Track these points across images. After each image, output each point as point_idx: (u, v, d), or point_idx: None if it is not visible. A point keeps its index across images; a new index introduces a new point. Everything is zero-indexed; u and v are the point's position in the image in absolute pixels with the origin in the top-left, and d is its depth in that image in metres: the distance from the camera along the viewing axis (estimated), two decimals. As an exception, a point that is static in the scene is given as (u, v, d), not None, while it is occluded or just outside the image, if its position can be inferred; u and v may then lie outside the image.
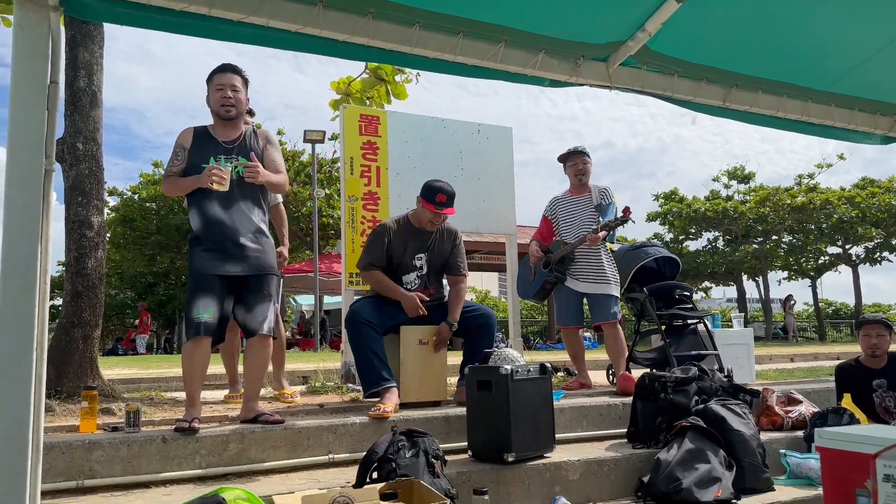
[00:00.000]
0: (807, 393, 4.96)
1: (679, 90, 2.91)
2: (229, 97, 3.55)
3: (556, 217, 5.29)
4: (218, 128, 3.62)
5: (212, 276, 3.45)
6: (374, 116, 5.35)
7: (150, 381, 6.90)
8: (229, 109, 3.56)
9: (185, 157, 3.55)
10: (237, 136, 3.62)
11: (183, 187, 3.52)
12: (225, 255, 3.47)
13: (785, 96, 3.13)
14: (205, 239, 3.49)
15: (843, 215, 26.08)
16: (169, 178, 3.56)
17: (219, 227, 3.49)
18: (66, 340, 4.21)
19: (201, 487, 2.97)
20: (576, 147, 5.35)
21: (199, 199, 3.52)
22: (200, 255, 3.48)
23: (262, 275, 3.56)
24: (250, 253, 3.52)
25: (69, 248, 4.33)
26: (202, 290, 3.43)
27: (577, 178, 5.25)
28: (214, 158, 3.50)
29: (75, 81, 4.41)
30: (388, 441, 2.91)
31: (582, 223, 5.13)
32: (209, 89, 3.60)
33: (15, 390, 1.70)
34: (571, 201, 5.27)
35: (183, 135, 3.59)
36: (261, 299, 3.55)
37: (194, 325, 3.40)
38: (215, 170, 3.37)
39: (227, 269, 3.47)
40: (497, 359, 3.63)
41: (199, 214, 3.52)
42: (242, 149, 3.60)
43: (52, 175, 1.90)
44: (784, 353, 13.28)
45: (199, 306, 3.41)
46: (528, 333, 25.54)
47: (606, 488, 3.48)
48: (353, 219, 5.19)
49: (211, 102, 3.59)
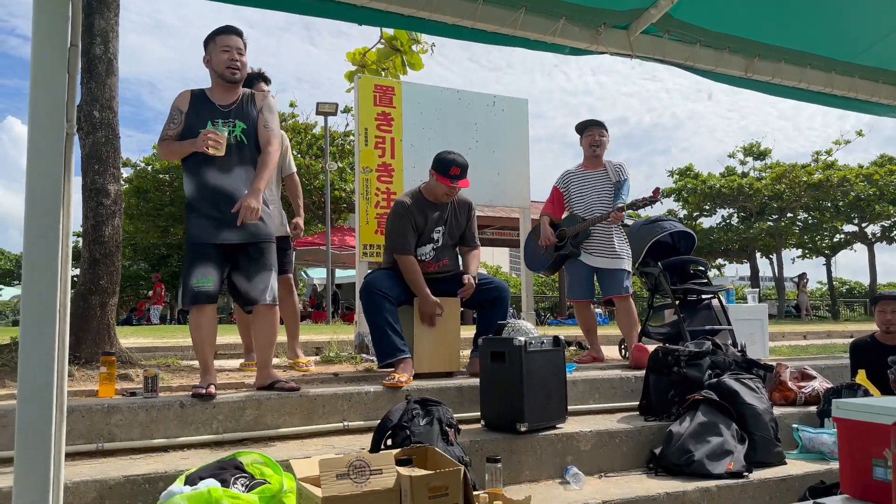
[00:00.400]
0: (820, 369, 4.96)
1: (700, 60, 2.88)
2: (236, 59, 3.49)
3: (569, 191, 5.22)
4: (216, 91, 3.54)
5: (209, 245, 3.40)
6: (388, 87, 5.31)
7: (165, 349, 6.99)
8: (235, 72, 3.49)
9: (181, 120, 3.47)
10: (234, 99, 3.55)
11: (179, 151, 3.45)
12: (220, 222, 3.40)
13: (808, 67, 3.08)
14: (200, 205, 3.43)
15: (860, 193, 25.81)
16: (165, 141, 3.48)
17: (214, 193, 3.41)
18: (83, 307, 4.25)
19: (218, 452, 3.01)
20: (594, 118, 5.28)
21: (194, 163, 3.44)
22: (196, 222, 3.43)
23: (260, 243, 3.50)
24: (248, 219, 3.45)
25: (86, 216, 4.36)
26: (201, 259, 3.39)
27: (591, 150, 5.17)
28: (212, 122, 3.43)
29: (91, 49, 4.40)
30: (402, 409, 2.93)
31: (597, 198, 5.06)
32: (212, 50, 3.50)
33: (39, 352, 1.73)
34: (585, 175, 5.20)
35: (180, 98, 3.52)
36: (260, 268, 3.50)
37: (194, 294, 3.38)
38: (210, 134, 3.31)
39: (224, 237, 3.41)
40: (511, 330, 3.64)
41: (194, 180, 3.44)
42: (239, 112, 3.53)
43: (73, 139, 1.90)
44: (797, 330, 13.24)
45: (198, 275, 3.37)
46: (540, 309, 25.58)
47: (618, 459, 3.51)
48: (367, 190, 5.18)
49: (214, 64, 3.50)
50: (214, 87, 3.56)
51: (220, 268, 3.45)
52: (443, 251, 4.31)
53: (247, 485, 2.49)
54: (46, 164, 1.75)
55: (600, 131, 5.19)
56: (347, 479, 2.22)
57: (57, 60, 1.75)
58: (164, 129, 3.50)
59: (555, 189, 5.32)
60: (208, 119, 3.46)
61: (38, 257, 1.74)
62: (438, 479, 2.29)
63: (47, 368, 1.74)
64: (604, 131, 5.21)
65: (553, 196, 5.32)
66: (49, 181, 1.74)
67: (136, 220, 23.62)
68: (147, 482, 2.63)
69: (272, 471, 2.62)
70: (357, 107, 5.24)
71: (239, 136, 3.47)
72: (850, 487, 1.77)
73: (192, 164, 3.45)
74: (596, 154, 5.18)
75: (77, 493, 2.53)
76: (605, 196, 5.05)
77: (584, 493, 3.03)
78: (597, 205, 5.02)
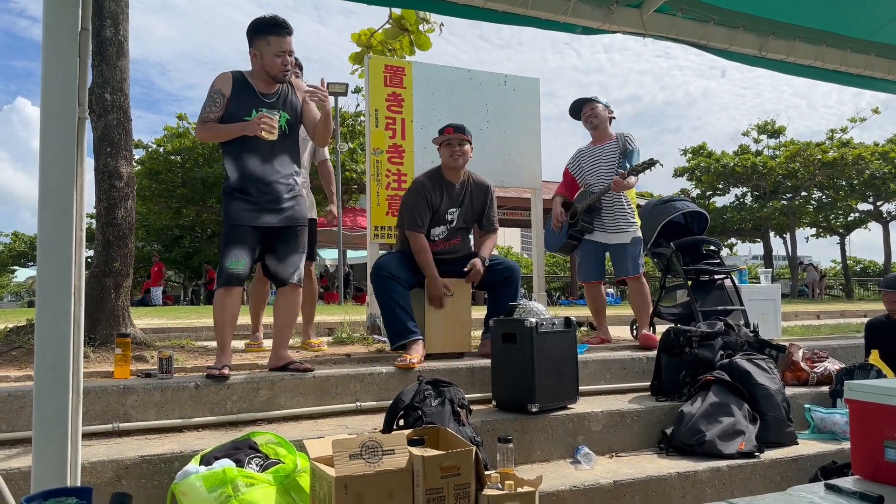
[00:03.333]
0: (833, 349, 4.94)
1: (714, 38, 2.84)
2: (288, 63, 3.48)
3: (581, 168, 5.12)
4: (258, 78, 3.54)
5: (246, 227, 3.47)
6: (399, 67, 5.28)
7: (179, 330, 7.05)
8: (286, 73, 3.51)
9: (223, 103, 3.47)
10: (276, 88, 3.59)
11: (226, 133, 3.46)
12: (261, 206, 3.49)
13: (823, 45, 3.04)
14: (242, 189, 3.48)
15: (875, 171, 25.54)
16: (206, 123, 3.48)
17: (256, 179, 3.48)
18: (98, 289, 4.29)
19: (233, 432, 3.05)
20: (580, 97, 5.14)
21: (237, 148, 3.48)
22: (236, 204, 3.48)
23: (296, 226, 3.60)
24: (286, 205, 3.55)
25: (99, 199, 4.38)
26: (236, 241, 3.45)
27: (590, 126, 5.05)
28: (257, 111, 3.45)
29: (101, 31, 4.39)
30: (414, 390, 2.95)
31: (605, 171, 4.95)
32: (261, 46, 3.46)
33: (55, 333, 1.75)
34: (595, 151, 5.08)
35: (221, 80, 3.51)
36: (293, 250, 3.59)
37: (227, 275, 3.44)
38: (265, 118, 3.33)
39: (264, 220, 3.50)
40: (522, 311, 3.64)
41: (237, 165, 3.49)
42: (283, 102, 3.57)
43: (85, 123, 1.91)
44: (810, 310, 13.19)
45: (232, 257, 3.44)
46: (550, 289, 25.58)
47: (629, 439, 3.52)
48: (377, 172, 5.17)
49: (267, 66, 3.47)
50: (257, 76, 3.55)
51: (252, 250, 3.51)
52: (455, 232, 4.31)
53: (261, 464, 2.53)
54: (59, 147, 1.76)
55: (591, 106, 5.05)
56: (360, 459, 2.24)
57: (68, 44, 1.75)
58: (204, 111, 3.50)
59: (565, 170, 5.26)
60: (252, 107, 3.48)
61: (53, 239, 1.76)
62: (450, 458, 2.31)
63: (63, 349, 1.77)
64: (595, 104, 5.05)
65: (564, 178, 5.27)
66: (62, 164, 1.76)
67: (149, 201, 23.73)
68: (163, 462, 2.67)
69: (286, 451, 2.65)
70: (367, 88, 5.21)
71: (283, 125, 3.50)
72: (861, 468, 1.77)
73: (234, 149, 3.49)
74: (595, 127, 5.04)
75: (94, 472, 2.57)
76: (613, 168, 4.93)
77: (595, 473, 3.05)
78: (607, 178, 4.90)
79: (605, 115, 5.07)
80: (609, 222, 4.93)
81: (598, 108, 5.05)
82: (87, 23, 1.86)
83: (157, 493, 2.63)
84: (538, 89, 5.76)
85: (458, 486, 2.31)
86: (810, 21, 2.94)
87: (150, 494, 2.63)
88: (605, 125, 5.06)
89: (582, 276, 5.22)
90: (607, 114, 5.09)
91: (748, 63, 3.02)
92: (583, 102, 5.10)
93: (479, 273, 4.16)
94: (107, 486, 2.53)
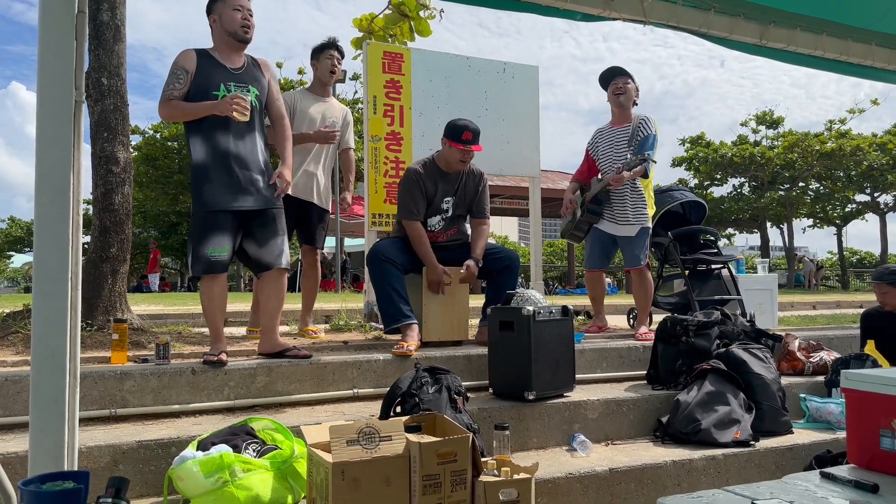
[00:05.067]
0: (829, 339, 4.96)
1: (714, 27, 2.83)
2: (248, 19, 3.44)
3: (598, 151, 4.95)
4: (223, 52, 3.48)
5: (225, 213, 3.37)
6: (397, 54, 5.26)
7: (176, 316, 7.05)
8: (247, 31, 3.45)
9: (187, 80, 3.38)
10: (242, 62, 3.52)
11: (192, 111, 3.36)
12: (237, 188, 3.38)
13: (824, 34, 3.03)
14: (214, 171, 3.37)
15: (873, 162, 25.54)
16: (170, 101, 3.36)
17: (230, 158, 3.37)
18: (95, 275, 4.28)
19: (230, 418, 3.06)
20: (616, 66, 4.92)
21: (205, 128, 3.37)
22: (209, 188, 3.37)
23: (272, 208, 3.50)
24: (261, 186, 3.46)
25: (96, 184, 4.37)
26: (216, 227, 3.36)
27: (615, 100, 4.82)
28: (225, 86, 3.40)
29: (98, 15, 4.36)
30: (411, 377, 2.96)
31: (616, 155, 4.82)
32: (221, 9, 3.43)
33: (52, 319, 1.75)
34: (610, 134, 4.92)
35: (183, 57, 3.42)
36: (273, 233, 3.50)
37: (209, 262, 3.36)
38: (238, 98, 3.27)
39: (241, 203, 3.39)
40: (519, 300, 3.64)
41: (206, 144, 3.38)
42: (251, 77, 3.51)
43: (82, 107, 1.90)
44: (807, 300, 13.23)
45: (213, 244, 3.35)
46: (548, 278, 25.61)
47: (625, 427, 3.54)
48: (375, 159, 5.16)
49: (226, 23, 3.43)
50: (220, 48, 3.49)
51: (233, 236, 3.43)
52: (452, 221, 4.30)
53: (258, 450, 2.53)
54: (56, 130, 1.75)
55: (624, 80, 4.83)
56: (357, 446, 2.25)
57: (65, 28, 1.74)
58: (166, 89, 3.39)
59: (586, 153, 5.07)
60: (220, 81, 3.41)
61: (50, 224, 1.75)
62: (447, 445, 2.32)
63: (60, 335, 1.76)
64: (628, 79, 4.84)
65: (584, 158, 5.08)
66: (59, 149, 1.75)
67: (146, 187, 23.64)
68: (160, 447, 2.67)
69: (283, 437, 2.66)
70: (365, 74, 5.19)
71: (254, 101, 3.45)
72: (856, 457, 1.78)
73: (205, 128, 3.38)
74: (621, 104, 4.83)
75: (91, 457, 2.57)
76: (622, 153, 4.79)
77: (590, 461, 3.06)
78: (616, 162, 4.75)
79: (632, 96, 4.87)
80: (618, 213, 4.80)
81: (630, 85, 4.85)
82: (83, 5, 1.85)
83: (154, 478, 2.64)
84: (537, 77, 5.75)
85: (455, 472, 2.32)
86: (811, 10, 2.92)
87: (146, 479, 2.64)
88: (629, 104, 4.87)
89: (588, 263, 5.13)
90: (634, 95, 4.89)
91: (748, 52, 3.01)
92: (617, 73, 4.87)
93: (474, 276, 4.16)
94: (104, 471, 2.53)
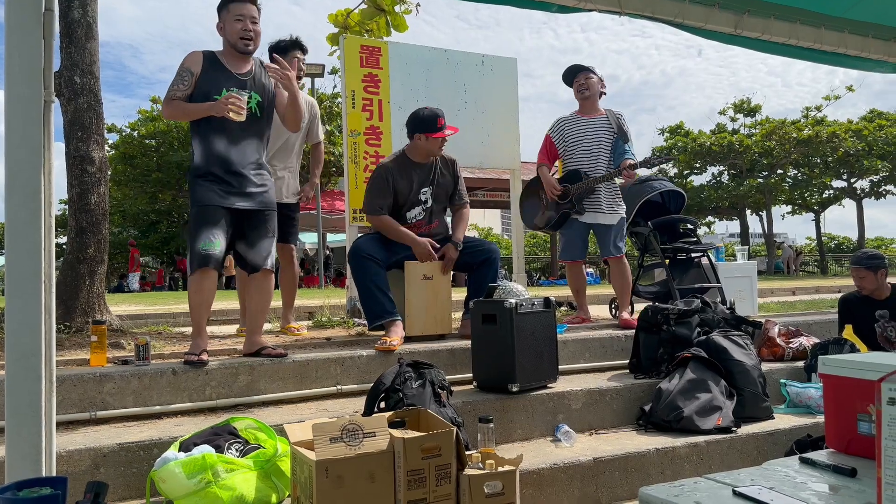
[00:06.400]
0: (808, 325, 5.02)
1: (690, 16, 2.83)
2: (249, 30, 3.42)
3: (563, 139, 4.95)
4: (229, 57, 3.48)
5: (217, 208, 3.39)
6: (375, 47, 5.23)
7: (156, 316, 6.99)
8: (248, 43, 3.44)
9: (192, 82, 3.40)
10: (249, 68, 3.52)
11: (192, 112, 3.39)
12: (229, 188, 3.42)
13: (798, 23, 3.05)
14: (208, 172, 3.41)
15: (849, 148, 25.86)
16: (173, 101, 3.40)
17: (222, 162, 3.41)
18: (72, 276, 4.23)
19: (212, 418, 3.03)
20: (576, 63, 5.00)
21: (204, 129, 3.41)
22: (204, 186, 3.40)
23: (266, 210, 3.53)
24: (254, 189, 3.48)
25: (71, 184, 4.31)
26: (209, 222, 3.37)
27: (580, 95, 4.89)
28: (227, 90, 3.37)
29: (69, 12, 4.30)
30: (395, 372, 2.95)
31: (597, 148, 4.81)
32: (224, 18, 3.44)
33: (25, 321, 1.72)
34: (581, 122, 4.92)
35: (191, 58, 3.44)
36: (264, 234, 3.53)
37: (201, 256, 3.35)
38: (233, 98, 3.27)
39: (233, 202, 3.42)
40: (501, 292, 3.65)
41: (203, 146, 3.42)
42: (255, 83, 3.50)
43: (52, 106, 1.86)
44: (786, 286, 13.37)
45: (205, 238, 3.35)
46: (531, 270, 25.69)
47: (608, 417, 3.56)
48: (355, 154, 5.13)
49: (228, 33, 3.44)
50: (227, 54, 3.50)
51: (226, 232, 3.43)
52: (433, 214, 4.30)
53: (241, 450, 2.52)
54: (25, 132, 1.72)
55: (585, 74, 4.90)
56: (341, 443, 2.24)
57: (32, 26, 1.71)
58: (171, 89, 3.42)
59: (547, 137, 5.06)
60: (223, 86, 3.40)
61: (21, 226, 1.72)
62: (431, 440, 2.32)
63: (34, 337, 1.74)
64: (590, 74, 4.89)
65: (545, 145, 5.06)
66: (29, 149, 1.72)
67: (124, 186, 23.38)
68: (141, 449, 2.65)
69: (266, 435, 2.64)
70: (343, 68, 5.15)
71: (254, 107, 3.43)
72: (835, 442, 1.80)
73: (203, 130, 3.41)
74: (586, 97, 4.89)
75: (71, 461, 2.54)
76: (607, 145, 4.80)
77: (574, 451, 3.08)
78: (600, 155, 4.77)
79: (598, 89, 4.92)
80: (605, 203, 4.79)
81: (593, 78, 4.90)
82: (51, 4, 1.81)
83: (136, 481, 2.62)
84: (515, 69, 5.74)
85: (439, 466, 2.32)
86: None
87: (129, 482, 2.62)
88: (595, 97, 4.92)
89: (564, 255, 5.10)
90: (599, 87, 4.95)
91: (724, 41, 3.02)
92: (578, 70, 4.94)
93: (453, 259, 4.15)
94: (84, 475, 2.51)
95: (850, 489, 1.49)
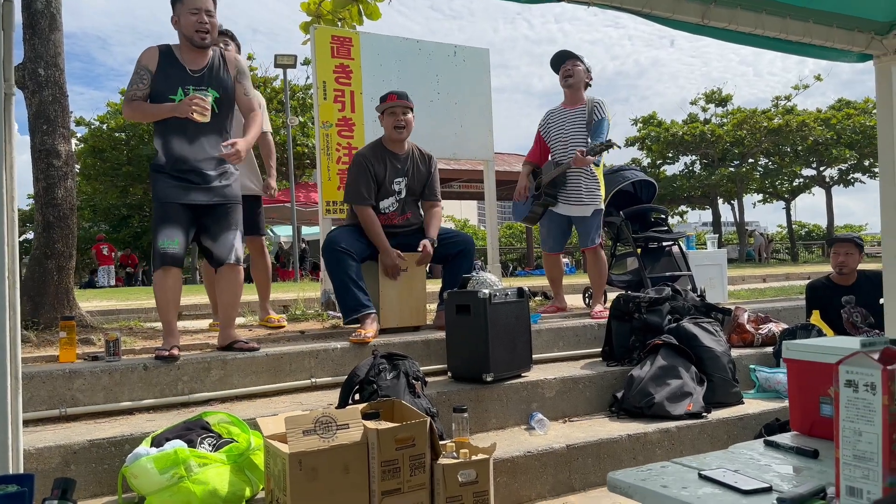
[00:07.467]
0: (777, 311, 5.10)
1: (657, 6, 2.84)
2: (205, 22, 3.36)
3: (549, 132, 4.97)
4: (185, 51, 3.42)
5: (177, 205, 3.35)
6: (346, 38, 5.19)
7: (128, 311, 6.91)
8: (204, 37, 3.37)
9: (150, 80, 3.35)
10: (205, 63, 3.44)
11: (153, 114, 3.35)
12: (189, 184, 3.37)
13: (764, 13, 3.07)
14: (168, 168, 3.36)
15: (818, 137, 26.26)
16: (133, 102, 3.35)
17: (179, 162, 3.35)
18: (40, 272, 4.16)
19: (185, 413, 3.01)
20: (564, 50, 4.98)
21: (163, 128, 3.36)
22: (164, 182, 3.36)
23: (227, 204, 3.47)
24: (215, 183, 3.43)
25: (37, 179, 4.23)
26: (168, 220, 3.33)
27: (564, 83, 4.88)
28: (183, 90, 3.33)
29: (32, 3, 4.21)
30: (369, 364, 2.95)
31: (572, 139, 4.82)
32: (179, 11, 3.37)
33: (-11, 319, 1.69)
34: (563, 115, 4.93)
35: (147, 55, 3.38)
36: (226, 228, 3.47)
37: (161, 255, 3.32)
38: (197, 98, 3.21)
39: (193, 197, 3.38)
40: (475, 283, 3.66)
41: (163, 145, 3.37)
42: (212, 78, 3.43)
43: (13, 99, 1.83)
44: (757, 273, 13.56)
45: (164, 237, 3.32)
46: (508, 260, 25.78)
47: (581, 404, 3.59)
48: (327, 146, 5.10)
49: (183, 27, 3.37)
50: (183, 48, 3.43)
51: (186, 229, 3.39)
52: (406, 205, 4.29)
53: (214, 444, 2.51)
54: (-15, 125, 1.68)
55: (573, 62, 4.87)
56: (314, 435, 2.24)
57: (-11, 16, 1.67)
58: (130, 89, 3.36)
59: (537, 134, 5.09)
60: (178, 85, 3.35)
61: (-17, 223, 1.69)
62: (405, 430, 2.33)
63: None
64: (577, 62, 4.88)
65: (535, 140, 5.10)
66: (-11, 144, 1.68)
67: (94, 180, 22.97)
68: (113, 445, 2.63)
69: (239, 429, 2.63)
70: (314, 59, 5.11)
71: (211, 104, 3.36)
72: (799, 425, 1.84)
73: (161, 128, 3.37)
74: (570, 85, 4.86)
75: (41, 458, 2.51)
76: (581, 138, 4.80)
77: (548, 438, 3.11)
78: (574, 146, 4.76)
79: (583, 77, 4.91)
80: (573, 195, 4.81)
81: (579, 67, 4.89)
82: (9, -7, 1.78)
83: (107, 477, 2.60)
84: (488, 60, 5.74)
85: (413, 456, 2.34)
86: (751, -12, 2.97)
87: (100, 479, 2.60)
88: (579, 86, 4.90)
89: (544, 246, 5.15)
90: (585, 77, 4.93)
91: (691, 31, 3.03)
92: (566, 57, 4.92)
93: (429, 256, 4.15)
94: (54, 472, 2.48)
95: (812, 470, 1.53)
